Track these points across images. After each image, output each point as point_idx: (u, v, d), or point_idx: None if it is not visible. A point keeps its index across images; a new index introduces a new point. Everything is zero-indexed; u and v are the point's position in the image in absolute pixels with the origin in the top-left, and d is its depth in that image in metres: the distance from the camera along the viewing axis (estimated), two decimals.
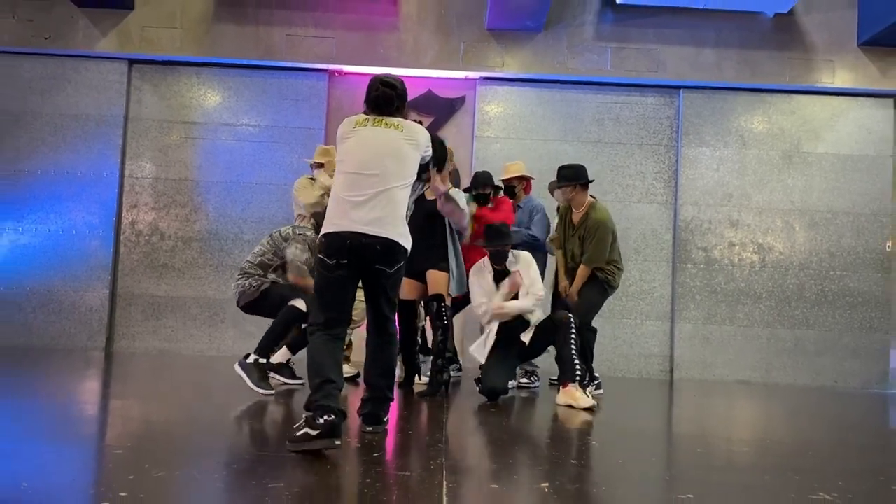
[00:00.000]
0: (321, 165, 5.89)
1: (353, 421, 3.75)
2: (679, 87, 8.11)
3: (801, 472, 3.23)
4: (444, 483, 2.69)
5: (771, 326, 7.73)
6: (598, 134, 8.00)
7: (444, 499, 2.46)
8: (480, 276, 5.25)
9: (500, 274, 5.24)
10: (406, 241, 3.49)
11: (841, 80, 7.89)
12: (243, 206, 8.01)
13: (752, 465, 3.34)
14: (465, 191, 5.95)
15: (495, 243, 5.13)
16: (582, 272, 5.57)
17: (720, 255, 7.88)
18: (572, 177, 5.57)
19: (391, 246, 3.41)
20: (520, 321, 5.20)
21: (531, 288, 5.16)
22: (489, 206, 5.87)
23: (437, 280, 5.16)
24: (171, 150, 8.17)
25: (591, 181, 5.69)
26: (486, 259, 5.31)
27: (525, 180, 6.36)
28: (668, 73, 8.01)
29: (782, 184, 7.95)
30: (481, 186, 5.90)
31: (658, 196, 8.03)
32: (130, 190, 8.09)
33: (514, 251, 5.30)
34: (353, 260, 3.34)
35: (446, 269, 5.17)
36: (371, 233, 3.35)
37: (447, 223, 5.21)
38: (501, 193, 6.13)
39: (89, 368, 6.27)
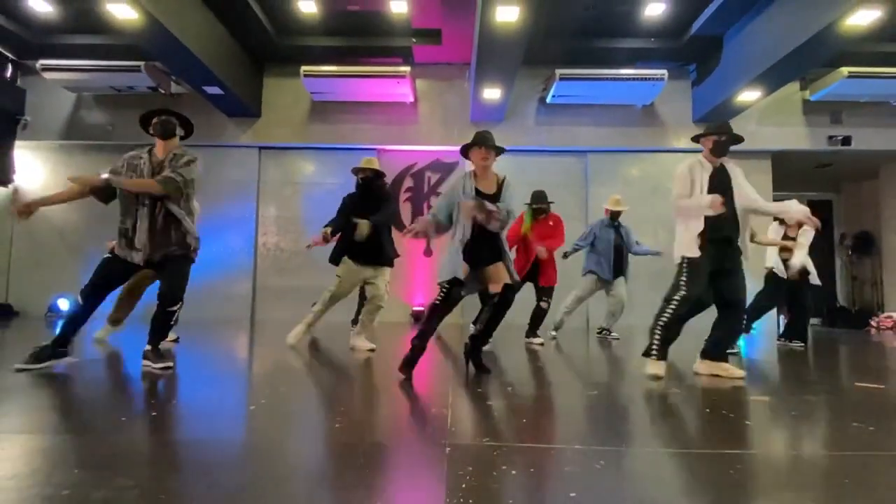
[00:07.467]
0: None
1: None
2: (587, 152, 8.21)
3: (705, 388, 2.86)
4: (450, 395, 2.59)
5: (656, 290, 7.52)
6: (538, 180, 7.94)
7: (450, 409, 2.40)
8: None
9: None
10: None
11: (684, 143, 7.98)
12: None
13: (664, 383, 2.94)
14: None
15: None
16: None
17: None
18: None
19: None
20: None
21: None
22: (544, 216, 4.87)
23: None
24: (286, 199, 8.36)
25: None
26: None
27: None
28: (580, 143, 8.12)
29: (651, 207, 8.01)
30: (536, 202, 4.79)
31: (577, 218, 8.12)
32: (262, 223, 8.30)
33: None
34: None
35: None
36: None
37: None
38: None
39: (241, 331, 6.23)
